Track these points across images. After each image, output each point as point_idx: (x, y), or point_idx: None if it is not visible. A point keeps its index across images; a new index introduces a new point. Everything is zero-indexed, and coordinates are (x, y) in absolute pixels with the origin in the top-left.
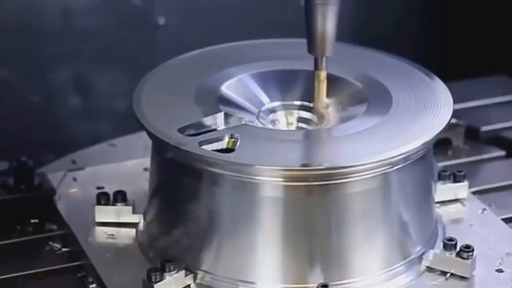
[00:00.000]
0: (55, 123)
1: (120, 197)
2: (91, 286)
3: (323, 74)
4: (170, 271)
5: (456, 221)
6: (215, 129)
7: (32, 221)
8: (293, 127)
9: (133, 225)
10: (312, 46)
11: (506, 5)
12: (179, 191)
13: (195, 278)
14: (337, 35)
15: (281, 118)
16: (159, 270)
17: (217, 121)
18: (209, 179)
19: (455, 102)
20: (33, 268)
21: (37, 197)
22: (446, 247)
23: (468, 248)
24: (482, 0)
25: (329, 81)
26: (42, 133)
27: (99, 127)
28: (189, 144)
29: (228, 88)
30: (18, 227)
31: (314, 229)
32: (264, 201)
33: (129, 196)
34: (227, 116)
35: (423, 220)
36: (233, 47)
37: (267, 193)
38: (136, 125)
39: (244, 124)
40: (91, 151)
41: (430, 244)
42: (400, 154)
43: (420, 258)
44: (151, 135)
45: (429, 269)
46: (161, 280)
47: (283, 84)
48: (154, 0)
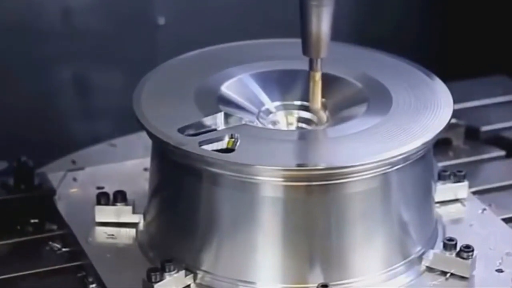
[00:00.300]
0: (55, 123)
1: (120, 197)
2: (91, 286)
3: (318, 75)
4: (170, 271)
5: (456, 221)
6: (215, 129)
7: (32, 221)
8: (293, 127)
9: (133, 225)
10: (306, 47)
11: (506, 5)
12: (179, 191)
13: (195, 278)
14: (337, 35)
15: (281, 118)
16: (159, 270)
17: (217, 121)
18: (209, 179)
19: (455, 102)
20: (33, 268)
21: (37, 197)
22: (446, 247)
23: (468, 248)
24: (482, 0)
25: (329, 81)
26: (42, 133)
27: (99, 127)
28: (189, 144)
29: (228, 88)
30: (18, 227)
31: (314, 229)
32: (264, 201)
33: (129, 196)
34: (227, 116)
35: (423, 220)
36: (233, 47)
37: (267, 193)
38: (136, 125)
39: (244, 124)
40: (91, 151)
41: (430, 244)
42: (400, 154)
43: (420, 258)
44: (151, 135)
45: (429, 269)
46: (161, 280)
47: (283, 84)
48: (154, 0)
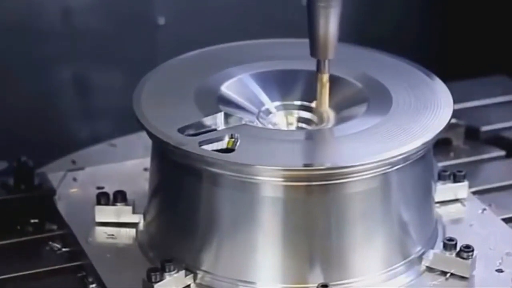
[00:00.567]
0: (55, 123)
1: (120, 197)
2: (91, 286)
3: (325, 77)
4: (170, 271)
5: (456, 221)
6: (215, 129)
7: (32, 221)
8: (293, 127)
9: (133, 225)
10: (314, 49)
11: (506, 5)
12: (179, 191)
13: (195, 278)
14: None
15: (281, 118)
16: (159, 270)
17: (217, 121)
18: (209, 179)
19: (455, 102)
20: (33, 268)
21: (37, 197)
22: (446, 247)
23: (468, 248)
24: (482, 0)
25: (329, 81)
26: (42, 133)
27: (99, 127)
28: (189, 144)
29: (228, 88)
30: (18, 227)
31: (314, 229)
32: (264, 201)
33: (129, 196)
34: (227, 116)
35: (423, 220)
36: (233, 47)
37: (267, 193)
38: (136, 125)
39: (244, 124)
40: (91, 151)
41: (430, 244)
42: (400, 154)
43: (420, 258)
44: (151, 135)
45: (429, 269)
46: (161, 280)
47: (283, 84)
48: (154, 0)
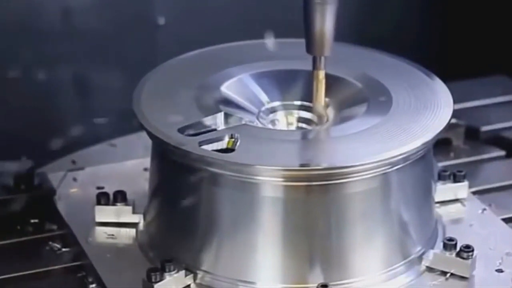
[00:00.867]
0: (55, 123)
1: (120, 197)
2: (91, 286)
3: (321, 74)
4: (170, 271)
5: (456, 221)
6: (215, 129)
7: (32, 221)
8: (293, 127)
9: (133, 225)
10: (310, 45)
11: (506, 5)
12: (179, 191)
13: (195, 278)
14: (337, 35)
15: (281, 118)
16: (159, 270)
17: (217, 121)
18: (209, 179)
19: (455, 102)
20: (33, 268)
21: (37, 197)
22: (446, 247)
23: (468, 248)
24: (482, 0)
25: (329, 81)
26: (42, 133)
27: (99, 127)
28: (189, 144)
29: (228, 88)
30: (18, 227)
31: (314, 229)
32: (264, 201)
33: (129, 196)
34: (227, 116)
35: (423, 220)
36: (233, 47)
37: (267, 193)
38: (136, 125)
39: (244, 124)
40: (91, 151)
41: (430, 244)
42: (400, 154)
43: (420, 258)
44: (151, 135)
45: (429, 269)
46: (161, 280)
47: (283, 84)
48: (154, 0)
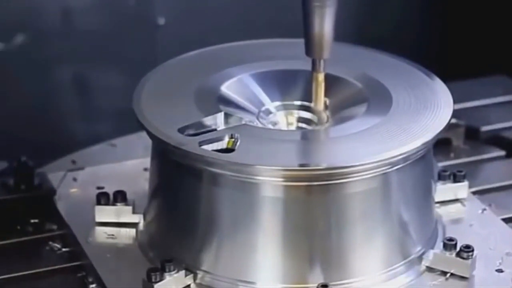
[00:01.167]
0: (55, 123)
1: (120, 197)
2: (91, 286)
3: (321, 76)
4: (170, 271)
5: (456, 221)
6: (215, 129)
7: (32, 221)
8: (293, 127)
9: (133, 225)
10: (310, 48)
11: (506, 5)
12: (179, 191)
13: (195, 278)
14: (337, 35)
15: (281, 118)
16: (159, 270)
17: (217, 121)
18: (209, 179)
19: (455, 102)
20: (33, 268)
21: (37, 197)
22: (446, 247)
23: (468, 248)
24: (482, 0)
25: (329, 81)
26: (42, 133)
27: (99, 127)
28: (189, 144)
29: (228, 88)
30: (18, 227)
31: (314, 229)
32: (264, 201)
33: (129, 196)
34: (227, 116)
35: (423, 220)
36: (233, 47)
37: (267, 193)
38: (136, 125)
39: (244, 124)
40: (91, 151)
41: (430, 244)
42: (400, 154)
43: (420, 258)
44: (151, 135)
45: (429, 269)
46: (161, 280)
47: (283, 84)
48: (154, 0)
